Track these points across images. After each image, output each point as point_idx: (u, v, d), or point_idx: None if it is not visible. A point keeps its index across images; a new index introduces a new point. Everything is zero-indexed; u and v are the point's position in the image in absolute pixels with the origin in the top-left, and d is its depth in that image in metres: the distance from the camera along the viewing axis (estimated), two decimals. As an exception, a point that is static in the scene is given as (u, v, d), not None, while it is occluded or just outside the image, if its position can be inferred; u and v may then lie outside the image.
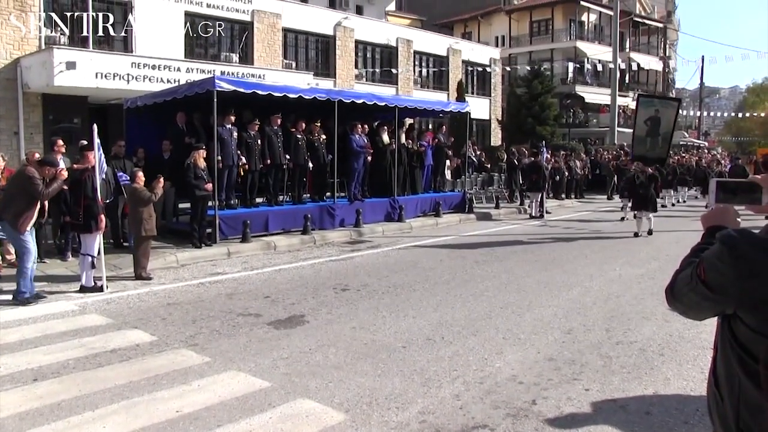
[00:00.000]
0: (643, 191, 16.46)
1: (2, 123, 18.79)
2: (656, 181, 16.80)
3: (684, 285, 2.02)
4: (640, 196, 16.54)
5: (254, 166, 15.05)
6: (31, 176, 9.23)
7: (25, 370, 6.34)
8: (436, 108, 21.46)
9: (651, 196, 16.48)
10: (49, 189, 9.35)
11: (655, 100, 17.69)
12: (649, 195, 16.41)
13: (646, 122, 16.08)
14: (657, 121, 15.96)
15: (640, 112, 16.33)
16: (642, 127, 16.25)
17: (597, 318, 8.36)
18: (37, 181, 9.18)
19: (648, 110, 16.16)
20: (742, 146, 66.71)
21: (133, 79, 18.62)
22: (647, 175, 16.46)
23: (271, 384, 5.97)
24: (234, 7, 24.69)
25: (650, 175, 16.51)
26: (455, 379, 6.14)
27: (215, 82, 13.28)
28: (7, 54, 18.71)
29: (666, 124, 15.94)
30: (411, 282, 10.64)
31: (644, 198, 16.42)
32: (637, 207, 16.68)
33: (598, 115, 47.50)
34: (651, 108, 16.24)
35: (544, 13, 49.01)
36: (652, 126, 16.00)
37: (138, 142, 14.91)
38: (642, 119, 16.24)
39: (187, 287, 10.34)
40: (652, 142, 16.10)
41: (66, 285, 10.25)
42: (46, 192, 9.30)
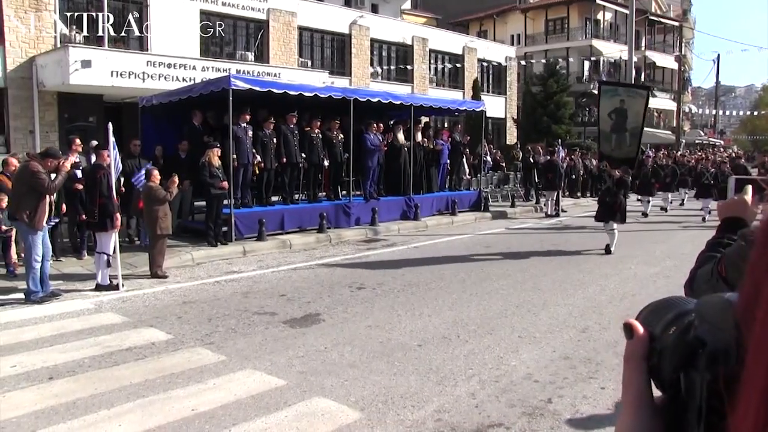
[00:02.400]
0: (609, 198, 13.75)
1: (18, 121, 18.88)
2: (625, 186, 13.93)
3: (704, 282, 1.97)
4: (606, 205, 13.82)
5: (269, 165, 15.05)
6: (35, 171, 9.19)
7: (41, 368, 6.36)
8: (451, 107, 21.42)
9: (619, 204, 13.59)
10: (55, 182, 9.34)
11: (620, 88, 14.87)
12: (616, 203, 13.58)
13: (610, 115, 14.04)
14: (623, 114, 13.92)
15: (603, 103, 14.19)
16: (606, 121, 14.16)
17: (612, 316, 8.29)
18: (42, 175, 9.15)
19: (612, 101, 14.08)
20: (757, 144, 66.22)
21: (149, 78, 18.65)
22: (614, 179, 13.68)
23: (286, 382, 5.96)
24: (250, 6, 24.70)
25: (618, 180, 13.64)
26: (471, 377, 6.10)
27: (231, 81, 13.28)
28: (23, 52, 18.79)
29: (634, 117, 13.83)
30: (426, 280, 10.61)
31: (610, 207, 13.65)
32: (602, 217, 13.82)
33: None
34: (615, 98, 14.10)
35: (559, 11, 48.80)
36: (618, 119, 13.96)
37: (153, 140, 14.96)
38: (605, 111, 14.14)
39: (203, 286, 10.35)
40: (618, 139, 14.04)
41: (82, 283, 10.29)
42: (52, 185, 9.28)
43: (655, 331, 1.00)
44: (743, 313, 0.79)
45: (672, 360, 0.94)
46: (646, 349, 0.99)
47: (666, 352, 0.96)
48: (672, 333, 0.96)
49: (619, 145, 14.11)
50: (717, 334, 0.88)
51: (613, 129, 14.08)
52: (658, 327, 1.00)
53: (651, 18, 52.96)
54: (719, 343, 0.87)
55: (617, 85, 18.60)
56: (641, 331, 1.01)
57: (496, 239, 15.38)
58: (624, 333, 1.02)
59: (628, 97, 14.01)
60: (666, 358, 0.95)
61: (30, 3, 18.80)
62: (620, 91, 14.44)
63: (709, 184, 20.75)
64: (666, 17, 56.86)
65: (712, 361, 0.86)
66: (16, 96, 18.83)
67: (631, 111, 13.84)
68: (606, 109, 14.13)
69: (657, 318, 1.02)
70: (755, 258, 0.78)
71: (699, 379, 0.88)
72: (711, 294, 1.27)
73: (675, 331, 0.96)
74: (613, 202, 13.63)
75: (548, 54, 46.07)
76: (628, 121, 13.88)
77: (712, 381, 0.86)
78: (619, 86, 15.88)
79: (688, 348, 0.91)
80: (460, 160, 21.35)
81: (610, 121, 14.05)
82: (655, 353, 0.98)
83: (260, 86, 14.06)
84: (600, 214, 13.94)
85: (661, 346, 0.97)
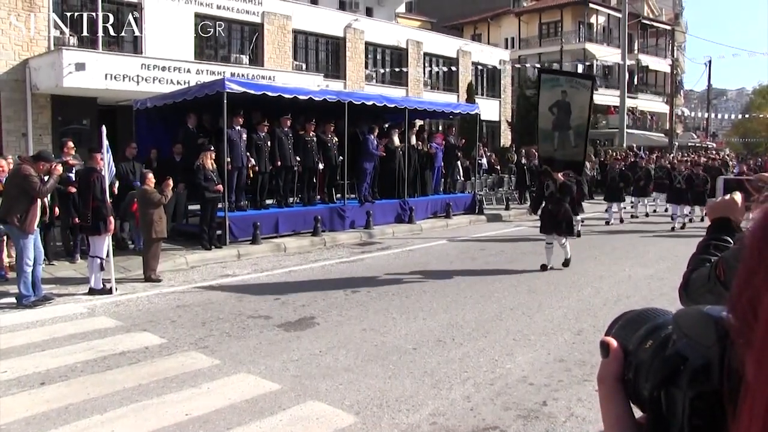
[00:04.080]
0: (552, 207, 11.88)
1: (11, 124, 18.80)
2: (570, 192, 12.02)
3: (701, 285, 1.95)
4: (548, 214, 11.96)
5: (264, 168, 15.02)
6: (26, 174, 9.14)
7: (33, 373, 6.32)
8: (446, 109, 21.40)
9: (564, 213, 11.85)
10: (47, 186, 9.29)
11: (561, 77, 12.80)
12: (560, 212, 11.81)
13: (551, 109, 12.28)
14: (565, 108, 12.09)
15: (543, 95, 12.41)
16: (546, 117, 12.38)
17: (607, 319, 8.14)
18: (34, 179, 9.10)
19: (552, 92, 12.26)
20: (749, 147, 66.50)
21: (143, 81, 18.60)
22: (558, 184, 11.80)
23: (281, 386, 5.93)
24: (244, 9, 24.68)
25: (561, 185, 11.76)
26: (466, 380, 6.09)
27: (225, 84, 13.28)
28: (16, 55, 18.72)
29: (579, 113, 12.11)
30: (421, 283, 10.60)
31: (554, 216, 11.86)
32: (546, 228, 12.04)
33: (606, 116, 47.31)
34: (556, 89, 12.26)
35: (553, 15, 48.89)
36: (560, 115, 12.18)
37: (147, 143, 14.92)
38: (545, 105, 12.37)
39: (197, 289, 10.32)
40: (561, 138, 12.25)
41: (74, 287, 10.25)
42: (43, 189, 9.23)
43: (629, 346, 0.97)
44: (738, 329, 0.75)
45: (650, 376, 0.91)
46: (622, 367, 0.96)
47: (642, 367, 0.92)
48: (648, 347, 0.93)
49: (563, 144, 12.35)
50: (698, 350, 0.85)
51: (555, 126, 12.35)
52: (631, 341, 0.97)
53: (643, 22, 53.09)
54: (701, 359, 0.84)
55: (558, 73, 15.79)
56: (615, 346, 0.98)
57: (491, 242, 15.37)
58: (600, 351, 0.99)
59: (570, 89, 12.18)
60: (642, 373, 0.92)
61: (23, 5, 18.73)
62: (562, 81, 12.51)
63: (681, 188, 18.71)
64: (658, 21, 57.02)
65: (695, 378, 0.83)
66: (9, 99, 18.75)
67: (574, 105, 12.11)
68: (546, 102, 12.38)
69: (630, 332, 0.99)
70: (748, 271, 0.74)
71: (681, 397, 0.85)
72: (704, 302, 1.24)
73: (652, 345, 0.93)
74: (556, 212, 11.83)
75: (542, 57, 46.13)
76: (571, 117, 12.13)
77: (695, 399, 0.83)
78: (561, 75, 13.91)
79: (668, 364, 0.88)
80: (455, 163, 21.36)
81: (551, 117, 12.34)
82: (631, 368, 0.95)
83: (255, 89, 14.05)
84: (543, 226, 12.15)
85: (637, 361, 0.94)
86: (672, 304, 1.70)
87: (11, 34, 18.64)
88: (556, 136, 12.32)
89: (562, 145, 12.26)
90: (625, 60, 37.14)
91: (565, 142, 12.25)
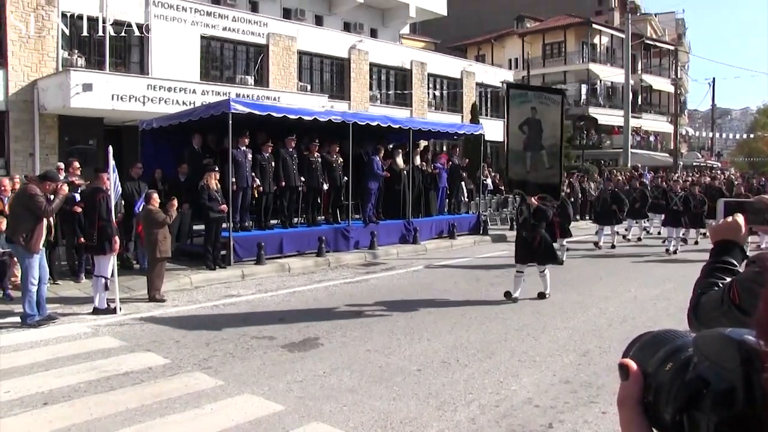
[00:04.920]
0: (527, 234, 11.01)
1: (19, 144, 18.92)
2: (545, 218, 11.13)
3: (712, 309, 1.90)
4: (523, 242, 11.12)
5: (269, 188, 15.04)
6: (33, 194, 9.15)
7: (36, 393, 6.30)
8: (450, 130, 21.42)
9: (541, 240, 10.96)
10: (52, 205, 9.27)
11: (530, 92, 11.85)
12: (536, 239, 10.93)
13: (521, 128, 11.36)
14: (536, 126, 11.21)
15: (513, 112, 11.50)
16: (517, 137, 11.46)
17: (613, 340, 8.24)
18: (40, 198, 9.10)
19: (521, 109, 11.34)
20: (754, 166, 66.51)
21: (149, 101, 18.71)
22: (532, 210, 10.99)
23: (285, 407, 5.90)
24: (250, 30, 24.86)
25: (536, 210, 10.98)
26: (470, 402, 6.05)
27: (230, 105, 13.33)
28: (25, 76, 18.88)
29: (551, 131, 11.21)
30: (426, 304, 10.56)
31: (528, 245, 11.00)
32: (520, 257, 11.11)
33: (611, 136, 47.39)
34: (525, 105, 11.33)
35: (556, 35, 49.12)
36: (531, 134, 11.27)
37: (153, 163, 14.95)
38: (516, 123, 11.46)
39: (201, 309, 10.30)
40: (534, 159, 11.28)
41: (79, 307, 10.24)
42: (49, 208, 9.21)
43: (648, 368, 0.96)
44: None
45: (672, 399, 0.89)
46: (642, 389, 0.95)
47: (663, 390, 0.91)
48: (668, 369, 0.92)
49: (535, 166, 11.29)
50: (721, 373, 0.83)
51: (527, 146, 11.34)
52: (650, 363, 0.95)
53: (647, 42, 53.28)
54: (724, 382, 0.82)
55: (527, 88, 14.29)
56: (635, 369, 0.96)
57: (495, 262, 15.32)
58: (619, 374, 0.98)
59: (540, 105, 11.26)
60: (663, 396, 0.91)
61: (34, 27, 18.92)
62: (530, 97, 11.52)
63: (678, 210, 17.76)
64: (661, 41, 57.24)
65: (718, 402, 0.82)
66: (17, 119, 18.89)
67: (546, 122, 11.24)
68: (516, 120, 11.49)
69: (649, 354, 0.98)
70: None
71: (705, 422, 0.83)
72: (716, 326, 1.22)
73: (672, 368, 0.91)
74: (532, 239, 10.96)
75: (546, 78, 46.32)
76: (543, 136, 11.21)
77: (719, 424, 0.81)
78: (529, 90, 12.68)
79: (689, 388, 0.86)
80: (459, 183, 21.37)
81: (522, 136, 11.38)
82: (651, 391, 0.94)
83: (260, 110, 14.10)
84: (518, 255, 11.19)
85: (657, 384, 0.93)
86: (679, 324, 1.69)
87: (21, 56, 18.81)
88: (528, 157, 11.35)
89: (535, 167, 11.26)
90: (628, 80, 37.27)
91: (538, 163, 11.25)
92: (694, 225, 18.51)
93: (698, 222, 18.45)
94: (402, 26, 37.94)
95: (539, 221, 10.94)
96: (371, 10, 33.95)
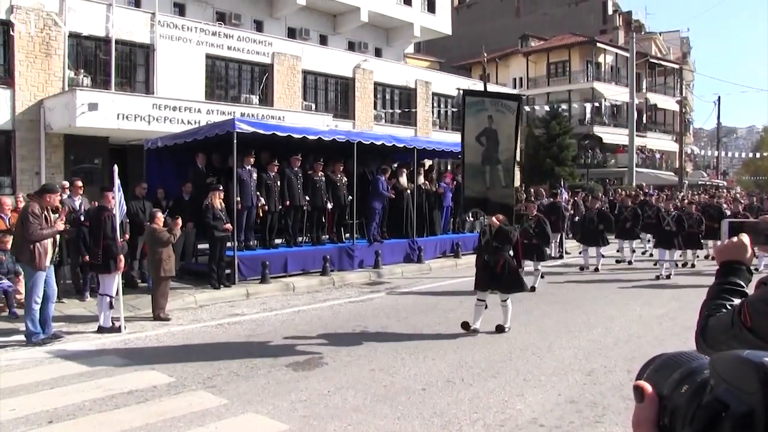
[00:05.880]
0: (489, 258, 9.88)
1: (25, 163, 19.04)
2: (508, 240, 9.94)
3: (721, 332, 1.86)
4: (484, 267, 9.98)
5: (273, 207, 15.07)
6: (26, 216, 9.05)
7: (40, 411, 6.30)
8: (454, 149, 21.40)
9: (504, 265, 9.81)
10: (44, 232, 9.03)
11: (486, 100, 10.54)
12: (499, 264, 9.79)
13: (479, 139, 10.23)
14: (494, 138, 10.11)
15: (469, 123, 10.36)
16: (474, 150, 10.31)
17: (618, 359, 8.21)
18: (32, 220, 8.96)
19: (478, 118, 10.24)
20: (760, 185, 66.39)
21: (154, 120, 18.82)
22: (493, 231, 9.89)
23: (289, 427, 5.89)
24: (255, 50, 25.03)
25: (498, 231, 9.83)
26: (475, 421, 6.03)
27: (235, 124, 13.38)
28: (31, 96, 19.04)
29: (506, 143, 10.09)
30: (430, 323, 10.55)
31: (491, 270, 9.86)
32: (480, 284, 10.02)
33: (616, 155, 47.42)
34: (482, 114, 10.22)
35: (561, 54, 49.29)
36: (489, 146, 10.15)
37: (158, 182, 15.02)
38: (472, 135, 10.31)
39: (206, 328, 10.30)
40: (492, 174, 10.16)
41: (84, 325, 10.25)
42: (37, 232, 8.94)
43: (663, 390, 0.95)
44: None
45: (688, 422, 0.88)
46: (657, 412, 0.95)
47: (679, 413, 0.90)
48: (684, 392, 0.91)
49: (493, 183, 10.20)
50: (740, 396, 0.83)
51: (485, 159, 10.20)
52: (666, 386, 0.95)
53: (651, 61, 53.44)
54: (743, 405, 0.82)
55: (483, 95, 12.41)
56: (650, 392, 0.96)
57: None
58: (634, 396, 0.97)
59: (496, 113, 10.09)
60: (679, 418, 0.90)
61: (40, 48, 19.10)
62: (487, 104, 10.34)
63: (671, 231, 16.15)
64: (666, 60, 57.37)
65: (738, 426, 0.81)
66: (24, 138, 19.03)
67: (501, 133, 10.07)
68: (473, 130, 10.32)
69: (663, 376, 0.97)
70: None
71: None
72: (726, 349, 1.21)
73: (688, 390, 0.91)
74: (494, 263, 9.82)
75: (550, 97, 46.44)
76: (499, 149, 10.11)
77: None
78: (486, 97, 11.13)
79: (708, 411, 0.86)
80: (464, 202, 21.35)
81: (480, 149, 10.22)
82: (666, 413, 0.93)
83: (264, 129, 14.14)
84: (479, 281, 10.05)
85: (673, 406, 0.92)
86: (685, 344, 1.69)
87: (28, 76, 18.97)
88: (487, 172, 10.20)
89: (493, 184, 10.22)
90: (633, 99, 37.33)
91: (494, 179, 10.19)
92: (689, 246, 17.77)
93: (694, 243, 17.76)
94: (406, 45, 38.17)
95: (502, 243, 9.87)
96: (376, 30, 34.19)
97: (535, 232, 13.98)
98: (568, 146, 35.95)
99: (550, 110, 37.92)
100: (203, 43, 23.19)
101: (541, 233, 14.14)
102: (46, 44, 19.24)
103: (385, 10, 32.95)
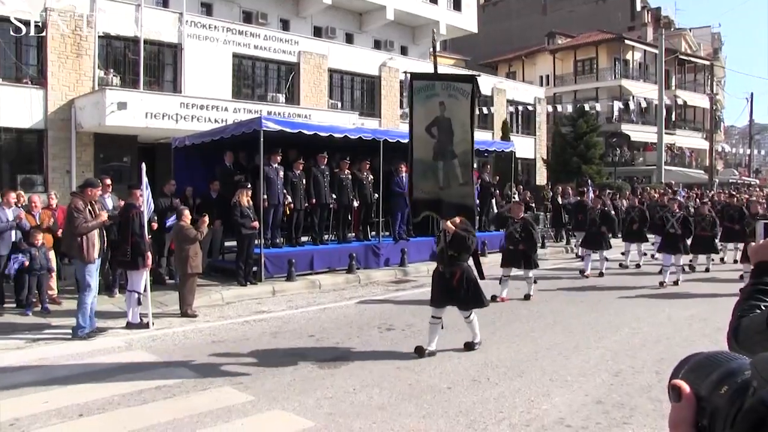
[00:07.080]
0: (445, 269, 8.69)
1: (56, 162, 19.32)
2: (465, 248, 8.66)
3: (755, 333, 1.80)
4: (440, 279, 8.78)
5: (300, 205, 15.14)
6: (71, 210, 9.49)
7: (71, 405, 6.40)
8: (480, 147, 21.36)
9: (461, 277, 8.62)
10: (88, 224, 9.42)
11: (437, 83, 8.72)
12: (456, 276, 8.60)
13: (430, 131, 8.68)
14: (447, 128, 8.60)
15: (418, 111, 8.70)
16: (425, 142, 8.67)
17: (646, 360, 8.14)
18: (77, 214, 9.36)
19: (428, 105, 8.65)
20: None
21: (182, 119, 18.97)
22: (448, 237, 8.58)
23: (314, 424, 5.92)
24: (281, 49, 25.12)
25: (453, 237, 8.55)
26: (501, 421, 6.01)
27: (262, 122, 13.46)
28: (63, 95, 19.31)
29: (461, 134, 8.59)
30: (455, 322, 10.49)
31: (447, 282, 8.67)
32: (437, 300, 8.80)
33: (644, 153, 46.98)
34: (432, 100, 8.63)
35: (588, 52, 48.94)
36: (441, 137, 8.63)
37: (185, 180, 15.16)
38: (421, 125, 8.68)
39: (232, 325, 10.38)
40: (446, 171, 8.63)
41: (113, 321, 10.37)
42: (83, 225, 9.34)
43: (701, 391, 0.93)
44: None
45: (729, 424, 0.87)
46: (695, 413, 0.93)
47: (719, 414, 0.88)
48: (724, 393, 0.89)
49: (448, 180, 8.66)
50: None
51: (438, 153, 8.65)
52: (704, 386, 0.93)
53: (681, 57, 52.85)
54: None
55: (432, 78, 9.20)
56: (688, 392, 0.94)
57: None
58: (670, 395, 0.95)
59: (449, 99, 8.58)
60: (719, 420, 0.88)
61: (72, 48, 19.37)
62: (437, 89, 8.67)
63: (675, 233, 14.67)
64: (696, 56, 56.68)
65: None
66: (55, 137, 19.31)
67: (455, 122, 8.59)
68: (422, 120, 8.70)
69: (701, 376, 0.95)
70: None
71: None
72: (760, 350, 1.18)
73: (728, 391, 0.88)
74: (450, 275, 8.62)
75: (577, 94, 46.16)
76: (454, 141, 8.61)
77: None
78: (436, 80, 8.89)
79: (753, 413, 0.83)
80: (490, 200, 21.29)
81: (431, 141, 8.66)
82: (705, 414, 0.91)
83: (291, 127, 14.20)
84: (435, 296, 8.84)
85: (712, 408, 0.90)
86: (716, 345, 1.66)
87: (60, 76, 19.24)
88: (440, 168, 8.64)
89: (448, 183, 8.65)
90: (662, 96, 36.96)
91: (450, 177, 8.64)
92: (702, 250, 16.52)
93: (708, 247, 16.56)
94: (432, 44, 38.06)
95: (458, 252, 8.63)
96: (401, 28, 34.17)
97: (522, 237, 12.71)
98: (596, 144, 35.63)
99: (576, 108, 37.64)
100: (230, 42, 23.33)
101: (528, 238, 12.75)
102: (77, 45, 19.51)
103: (410, 8, 32.91)
